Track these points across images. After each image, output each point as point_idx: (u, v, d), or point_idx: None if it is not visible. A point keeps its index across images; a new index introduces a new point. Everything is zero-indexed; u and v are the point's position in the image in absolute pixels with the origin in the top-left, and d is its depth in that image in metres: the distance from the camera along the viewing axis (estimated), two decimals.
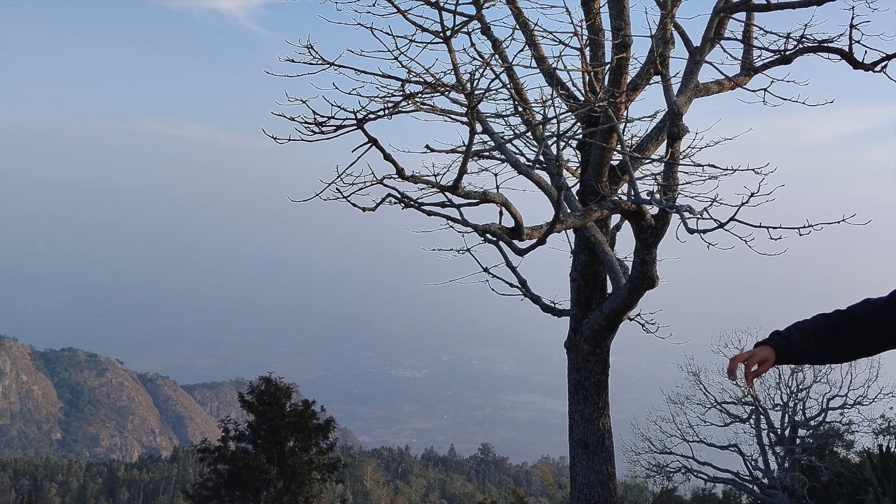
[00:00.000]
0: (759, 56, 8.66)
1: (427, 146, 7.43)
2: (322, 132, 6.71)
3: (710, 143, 10.00)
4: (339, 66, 6.55)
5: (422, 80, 6.94)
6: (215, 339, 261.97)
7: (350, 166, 6.69)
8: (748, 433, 22.23)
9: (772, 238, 6.72)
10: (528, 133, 9.30)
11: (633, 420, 24.90)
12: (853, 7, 7.31)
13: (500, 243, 9.49)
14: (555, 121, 7.79)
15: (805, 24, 7.95)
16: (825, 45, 7.91)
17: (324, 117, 6.60)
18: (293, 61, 6.61)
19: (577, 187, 9.36)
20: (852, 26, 7.30)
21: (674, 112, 7.78)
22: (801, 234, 6.70)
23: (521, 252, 8.10)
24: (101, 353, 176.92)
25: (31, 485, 78.46)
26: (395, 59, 6.68)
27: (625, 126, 9.58)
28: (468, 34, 7.87)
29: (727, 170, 7.98)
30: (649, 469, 24.03)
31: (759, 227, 6.66)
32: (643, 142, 9.16)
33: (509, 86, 8.68)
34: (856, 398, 20.78)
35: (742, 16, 8.65)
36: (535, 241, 7.50)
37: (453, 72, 6.67)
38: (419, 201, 7.07)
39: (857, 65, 7.61)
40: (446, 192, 7.07)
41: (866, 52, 7.47)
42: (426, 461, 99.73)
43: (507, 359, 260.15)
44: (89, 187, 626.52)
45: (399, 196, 6.94)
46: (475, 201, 7.27)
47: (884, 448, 8.02)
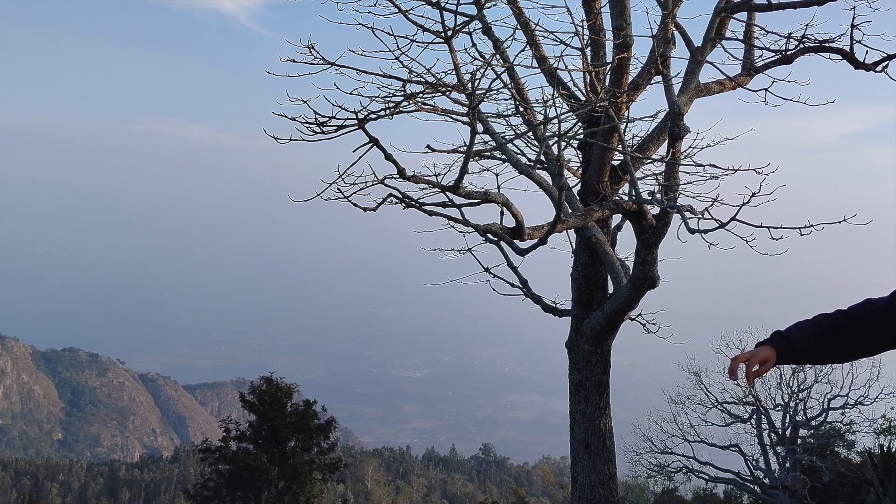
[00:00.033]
0: (761, 56, 8.66)
1: (428, 146, 7.43)
2: (323, 132, 6.71)
3: (711, 143, 10.01)
4: (341, 66, 6.55)
5: (423, 80, 6.94)
6: (216, 339, 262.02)
7: (351, 166, 6.70)
8: (749, 433, 22.24)
9: (773, 238, 6.72)
10: (530, 133, 9.30)
11: (635, 420, 24.91)
12: (854, 7, 7.32)
13: (502, 243, 9.50)
14: (556, 121, 7.81)
15: (806, 25, 7.95)
16: (826, 45, 7.91)
17: (325, 117, 6.60)
18: (294, 61, 6.61)
19: (579, 187, 9.37)
20: (853, 26, 7.31)
21: (675, 112, 7.78)
22: (802, 234, 6.71)
23: (522, 252, 8.10)
24: (102, 353, 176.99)
25: (33, 485, 78.50)
26: (397, 59, 6.68)
27: (626, 126, 9.58)
28: (469, 34, 7.89)
29: (728, 170, 7.99)
30: (650, 469, 24.03)
31: (761, 227, 6.66)
32: (644, 142, 9.16)
33: (510, 86, 8.67)
34: (857, 398, 20.79)
35: (743, 16, 8.65)
36: (536, 241, 7.50)
37: (454, 72, 6.67)
38: (420, 201, 7.06)
39: (858, 65, 7.61)
40: (447, 192, 7.07)
41: (867, 52, 7.48)
42: (427, 461, 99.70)
43: (508, 359, 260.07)
44: (90, 187, 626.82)
45: (400, 196, 6.94)
46: (476, 201, 7.27)
47: (885, 448, 8.03)
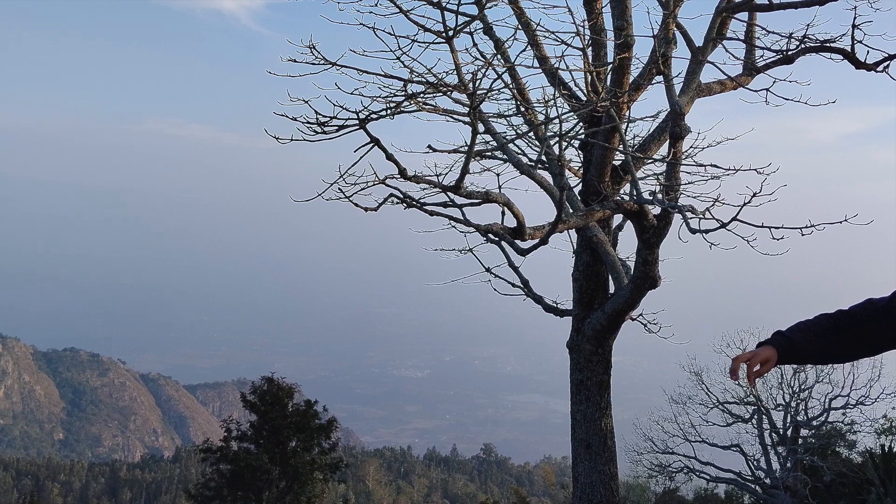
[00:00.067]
0: (762, 56, 8.66)
1: (429, 146, 7.44)
2: (324, 132, 6.71)
3: (712, 143, 10.00)
4: (342, 66, 6.55)
5: (424, 80, 6.94)
6: (217, 339, 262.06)
7: (352, 166, 6.69)
8: (750, 433, 22.22)
9: (774, 238, 6.73)
10: (531, 133, 9.30)
11: (636, 420, 24.88)
12: (855, 7, 7.32)
13: (503, 243, 9.51)
14: (557, 121, 7.81)
15: (807, 25, 7.96)
16: (827, 45, 7.92)
17: (326, 117, 6.60)
18: (295, 61, 6.61)
19: (580, 187, 9.37)
20: (854, 26, 7.30)
21: (676, 112, 7.78)
22: (803, 234, 6.71)
23: (523, 252, 8.10)
24: (103, 353, 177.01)
25: (34, 485, 78.51)
26: (398, 59, 6.68)
27: (627, 126, 9.57)
28: (470, 34, 7.89)
29: (729, 170, 8.00)
30: (651, 469, 24.01)
31: (762, 227, 6.66)
32: (645, 142, 9.16)
33: (511, 86, 8.67)
34: (858, 398, 20.77)
35: (744, 16, 8.66)
36: (537, 241, 7.50)
37: (455, 72, 6.65)
38: (421, 201, 7.06)
39: (859, 65, 7.61)
40: (448, 192, 7.07)
41: (868, 52, 7.48)
42: (428, 461, 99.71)
43: (509, 359, 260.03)
44: (91, 187, 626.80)
45: (401, 196, 6.94)
46: (477, 201, 7.26)
47: (886, 448, 8.02)
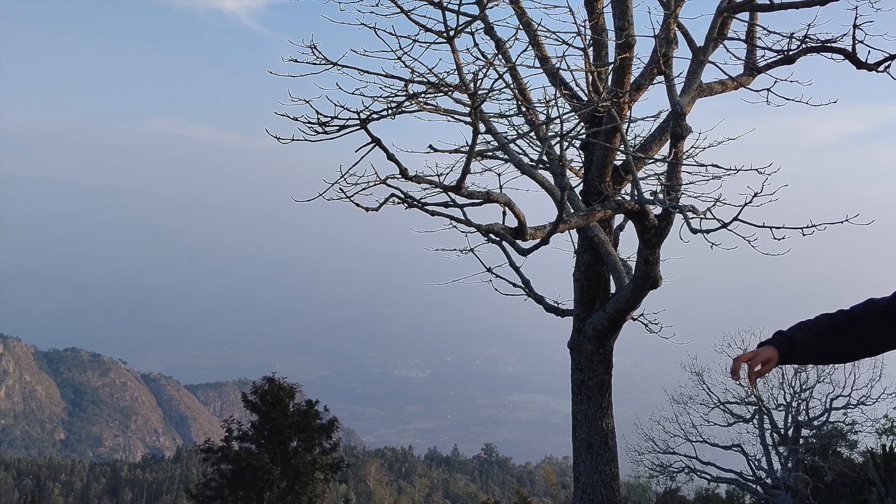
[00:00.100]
0: (763, 56, 8.66)
1: (430, 146, 7.44)
2: (325, 132, 6.71)
3: (713, 143, 10.01)
4: (343, 66, 6.56)
5: (425, 79, 6.94)
6: (218, 339, 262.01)
7: (353, 166, 6.69)
8: (751, 433, 22.23)
9: (775, 238, 6.72)
10: (532, 133, 9.30)
11: (637, 420, 24.90)
12: (856, 7, 7.32)
13: (504, 243, 9.51)
14: (558, 121, 7.81)
15: (808, 25, 7.96)
16: (828, 45, 7.92)
17: (327, 117, 6.60)
18: (296, 61, 6.62)
19: (581, 187, 9.37)
20: (855, 26, 7.30)
21: (677, 112, 7.78)
22: (804, 235, 6.71)
23: (524, 252, 8.10)
24: (104, 352, 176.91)
25: (35, 485, 78.53)
26: (399, 59, 6.67)
27: (628, 126, 9.57)
28: (471, 34, 7.89)
29: (730, 170, 8.00)
30: (653, 469, 24.02)
31: (763, 227, 6.66)
32: (646, 142, 9.17)
33: (512, 86, 8.67)
34: (859, 398, 20.79)
35: (745, 16, 8.66)
36: (538, 241, 7.50)
37: (456, 72, 6.65)
38: (422, 201, 7.06)
39: (860, 65, 7.61)
40: (449, 192, 7.07)
41: (869, 52, 7.48)
42: (429, 461, 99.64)
43: (510, 359, 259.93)
44: (93, 187, 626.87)
45: (402, 196, 6.94)
46: (478, 201, 7.26)
47: (887, 448, 8.01)
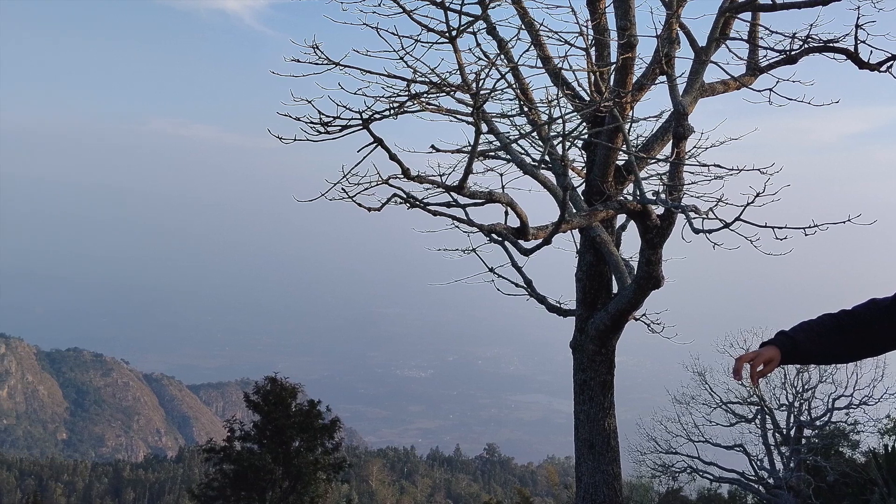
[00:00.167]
0: (765, 56, 8.66)
1: (432, 146, 7.45)
2: (327, 132, 6.71)
3: (715, 143, 9.99)
4: (345, 66, 6.56)
5: (427, 79, 6.94)
6: (221, 339, 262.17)
7: (355, 166, 6.70)
8: (754, 433, 22.24)
9: (777, 238, 6.72)
10: (534, 133, 9.30)
11: (639, 420, 24.91)
12: (858, 7, 7.32)
13: (506, 243, 9.51)
14: (560, 121, 7.82)
15: (810, 25, 7.96)
16: (831, 45, 7.91)
17: (329, 117, 6.61)
18: (299, 61, 6.62)
19: (583, 187, 9.37)
20: (858, 26, 7.30)
21: (679, 112, 7.77)
22: (806, 234, 6.71)
23: (526, 252, 8.11)
24: (106, 352, 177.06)
25: (37, 485, 78.55)
26: (401, 59, 6.67)
27: (630, 126, 9.57)
28: (474, 34, 7.90)
29: (733, 170, 7.99)
30: (655, 469, 24.03)
31: (765, 227, 6.67)
32: (649, 142, 9.17)
33: (515, 86, 8.66)
34: (861, 398, 20.80)
35: (747, 16, 8.66)
36: (540, 241, 7.50)
37: (459, 72, 6.65)
38: (425, 201, 7.06)
39: (862, 65, 7.61)
40: (452, 192, 7.07)
41: (871, 52, 7.49)
42: (431, 461, 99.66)
43: (512, 359, 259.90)
44: (95, 187, 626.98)
45: (405, 196, 6.94)
46: (481, 201, 7.26)
47: (889, 448, 8.00)
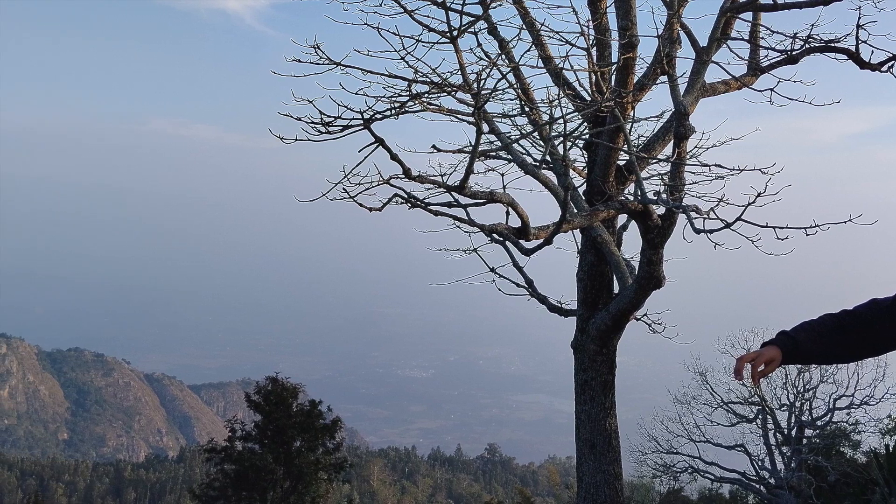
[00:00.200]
0: (766, 56, 8.66)
1: (433, 146, 7.45)
2: (328, 132, 6.71)
3: (716, 142, 10.00)
4: (346, 66, 6.56)
5: (428, 80, 6.95)
6: (222, 339, 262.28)
7: (357, 166, 6.69)
8: (755, 433, 22.24)
9: (778, 238, 6.72)
10: (535, 133, 9.29)
11: (640, 420, 24.92)
12: (860, 7, 7.31)
13: (507, 243, 9.51)
14: (561, 121, 7.81)
15: (812, 25, 7.95)
16: (832, 45, 7.91)
17: (330, 117, 6.61)
18: (300, 61, 6.62)
19: (584, 187, 9.37)
20: (859, 26, 7.30)
21: (680, 112, 7.77)
22: (807, 234, 6.71)
23: (527, 252, 8.11)
24: (107, 353, 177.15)
25: (38, 485, 78.58)
26: (402, 59, 6.66)
27: (631, 126, 9.56)
28: (475, 34, 7.89)
29: (734, 170, 7.98)
30: (656, 469, 24.03)
31: (766, 227, 6.66)
32: (650, 142, 9.16)
33: (516, 86, 8.66)
34: (862, 398, 20.79)
35: (749, 16, 8.65)
36: (541, 241, 7.50)
37: (460, 72, 6.64)
38: (426, 201, 7.06)
39: (863, 65, 7.60)
40: (453, 192, 7.07)
41: (873, 52, 7.48)
42: (433, 461, 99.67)
43: (513, 359, 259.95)
44: (96, 187, 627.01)
45: (406, 196, 6.94)
46: (482, 201, 7.26)
47: (890, 448, 8.00)
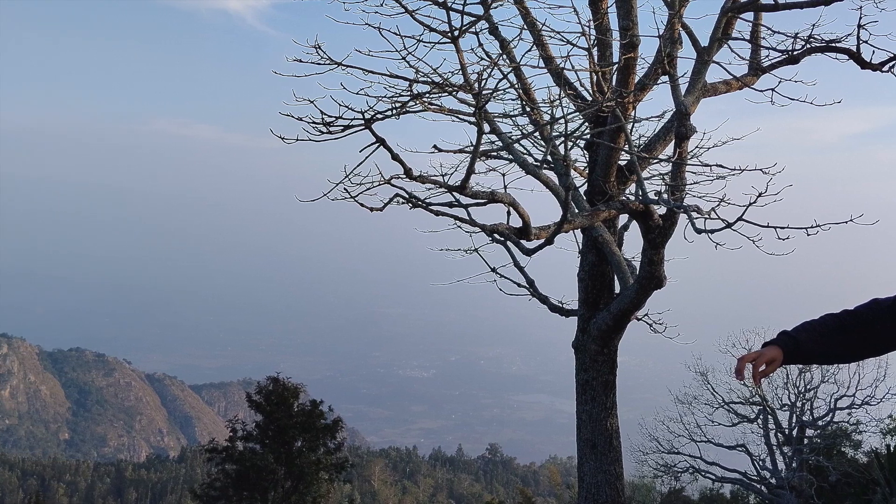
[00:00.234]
0: (767, 56, 8.65)
1: (435, 146, 7.44)
2: (330, 132, 6.71)
3: (717, 142, 10.00)
4: (347, 66, 6.56)
5: (429, 80, 6.95)
6: (223, 339, 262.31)
7: (358, 166, 6.70)
8: (756, 433, 22.23)
9: (779, 238, 6.71)
10: (536, 133, 9.30)
11: (641, 420, 24.91)
12: (861, 7, 7.30)
13: (508, 243, 9.51)
14: (562, 121, 7.81)
15: (813, 24, 7.94)
16: (833, 45, 7.91)
17: (331, 117, 6.61)
18: (301, 61, 6.62)
19: (585, 187, 9.37)
20: (860, 26, 7.30)
21: (681, 112, 7.77)
22: (808, 234, 6.70)
23: (528, 252, 8.11)
24: (108, 352, 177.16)
25: (39, 485, 78.61)
26: (403, 59, 6.67)
27: (632, 126, 9.56)
28: (476, 34, 7.89)
29: (735, 170, 7.97)
30: (657, 469, 24.03)
31: (767, 227, 6.66)
32: (651, 142, 9.16)
33: (517, 86, 8.67)
34: (863, 398, 20.79)
35: (750, 16, 8.65)
36: (542, 241, 7.51)
37: (461, 72, 6.64)
38: (427, 201, 7.07)
39: (864, 65, 7.60)
40: (454, 192, 7.07)
41: (874, 52, 7.48)
42: (434, 461, 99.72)
43: (514, 359, 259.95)
44: (97, 187, 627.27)
45: (407, 196, 6.95)
46: (483, 201, 7.27)
47: (891, 448, 8.01)
